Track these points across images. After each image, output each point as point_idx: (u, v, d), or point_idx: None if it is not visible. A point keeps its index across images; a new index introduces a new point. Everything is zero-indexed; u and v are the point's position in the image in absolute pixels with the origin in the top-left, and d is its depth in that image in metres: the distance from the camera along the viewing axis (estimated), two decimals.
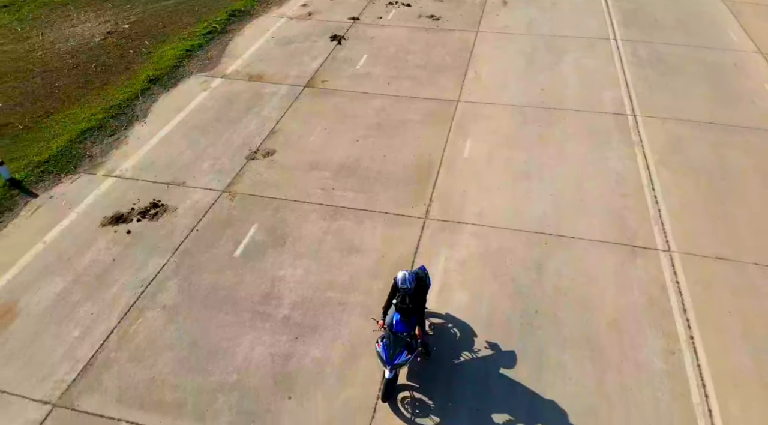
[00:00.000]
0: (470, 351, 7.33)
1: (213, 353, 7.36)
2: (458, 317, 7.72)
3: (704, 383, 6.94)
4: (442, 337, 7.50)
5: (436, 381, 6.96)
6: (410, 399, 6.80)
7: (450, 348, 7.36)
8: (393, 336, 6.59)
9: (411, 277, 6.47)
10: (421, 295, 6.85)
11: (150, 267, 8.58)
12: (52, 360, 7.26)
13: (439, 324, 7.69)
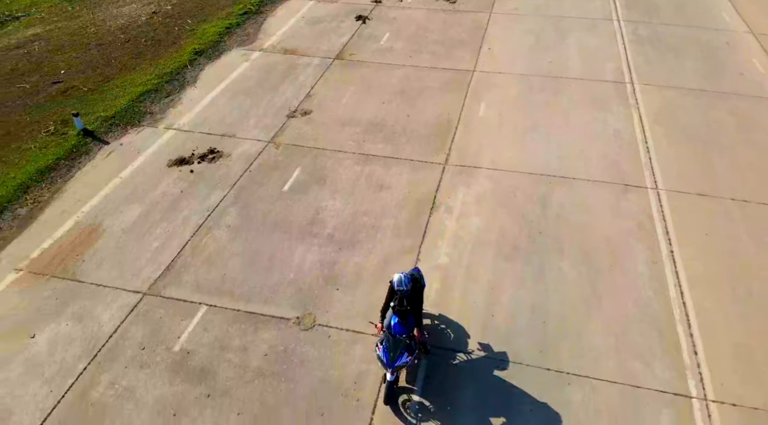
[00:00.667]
0: (465, 352, 7.57)
1: (272, 260, 8.97)
2: (452, 319, 8.01)
3: (680, 283, 8.47)
4: (437, 338, 7.75)
5: (435, 383, 7.19)
6: (411, 402, 7.01)
7: (445, 349, 7.61)
8: (392, 339, 6.73)
9: (407, 279, 6.69)
10: (418, 296, 7.02)
11: (213, 198, 10.23)
12: (138, 264, 8.91)
13: (432, 325, 7.95)
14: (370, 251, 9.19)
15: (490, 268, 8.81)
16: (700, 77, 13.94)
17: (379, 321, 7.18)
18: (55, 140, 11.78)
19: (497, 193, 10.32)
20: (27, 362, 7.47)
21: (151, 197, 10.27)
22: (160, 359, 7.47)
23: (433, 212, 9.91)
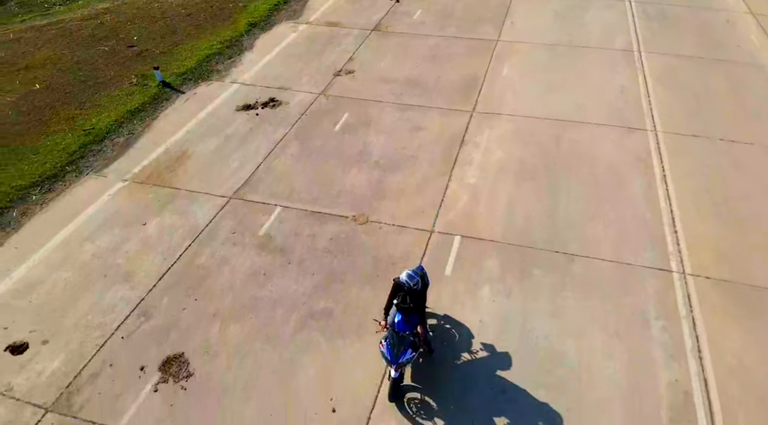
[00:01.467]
0: (469, 352, 7.75)
1: (330, 178, 11.00)
2: (456, 319, 8.24)
3: (670, 198, 10.32)
4: (442, 338, 7.98)
5: (439, 382, 7.39)
6: (416, 401, 7.20)
7: (450, 349, 7.81)
8: (396, 336, 6.88)
9: (414, 274, 6.87)
10: (421, 294, 7.14)
11: (277, 134, 12.31)
12: (221, 178, 11.00)
13: (438, 325, 8.19)
14: (410, 174, 11.16)
15: (511, 187, 10.72)
16: (699, 48, 15.76)
17: (383, 318, 7.29)
18: (139, 89, 13.98)
19: (517, 133, 12.25)
20: (142, 241, 9.57)
21: (226, 132, 12.38)
22: (248, 240, 9.52)
23: (462, 147, 11.86)
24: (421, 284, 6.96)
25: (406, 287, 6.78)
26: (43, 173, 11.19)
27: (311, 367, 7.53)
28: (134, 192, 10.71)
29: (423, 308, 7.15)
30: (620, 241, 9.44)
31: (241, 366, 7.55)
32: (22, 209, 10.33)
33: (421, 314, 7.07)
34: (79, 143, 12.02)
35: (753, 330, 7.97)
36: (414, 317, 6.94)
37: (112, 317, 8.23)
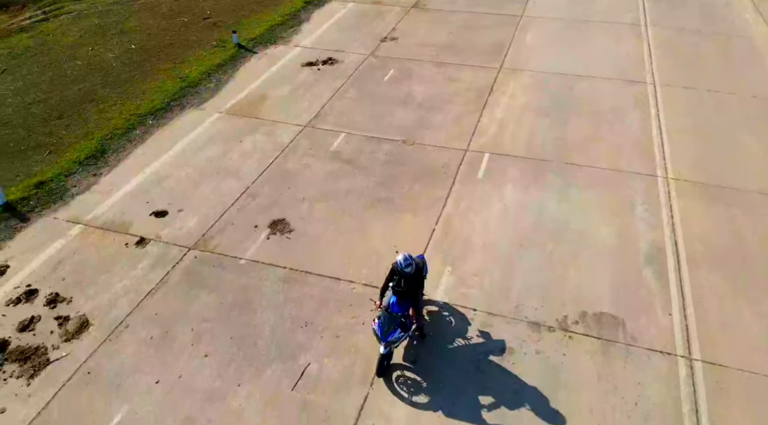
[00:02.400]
0: (464, 337, 8.26)
1: (382, 114, 13.78)
2: (453, 306, 8.78)
3: (661, 128, 12.91)
4: (439, 324, 8.51)
5: (430, 363, 7.88)
6: (403, 378, 7.71)
7: (445, 333, 8.35)
8: (388, 316, 7.41)
9: (410, 258, 7.37)
10: (418, 281, 7.68)
11: (336, 83, 15.12)
12: (296, 112, 13.86)
13: (435, 311, 8.69)
14: (447, 112, 13.87)
15: (531, 121, 13.38)
16: (699, 23, 18.33)
17: (379, 298, 7.83)
18: (219, 50, 16.94)
19: (537, 84, 14.92)
20: (241, 152, 12.41)
21: (295, 82, 15.23)
22: (322, 154, 12.30)
23: (491, 94, 14.53)
24: (416, 271, 7.44)
25: (399, 270, 7.36)
26: (153, 107, 14.14)
27: (378, 228, 10.24)
28: (229, 120, 13.58)
29: (417, 294, 7.74)
30: (617, 156, 12.03)
31: (328, 226, 10.29)
32: (143, 129, 13.27)
33: (415, 299, 7.68)
34: (177, 87, 14.97)
35: (716, 212, 10.51)
36: (408, 302, 7.58)
37: (227, 197, 11.05)
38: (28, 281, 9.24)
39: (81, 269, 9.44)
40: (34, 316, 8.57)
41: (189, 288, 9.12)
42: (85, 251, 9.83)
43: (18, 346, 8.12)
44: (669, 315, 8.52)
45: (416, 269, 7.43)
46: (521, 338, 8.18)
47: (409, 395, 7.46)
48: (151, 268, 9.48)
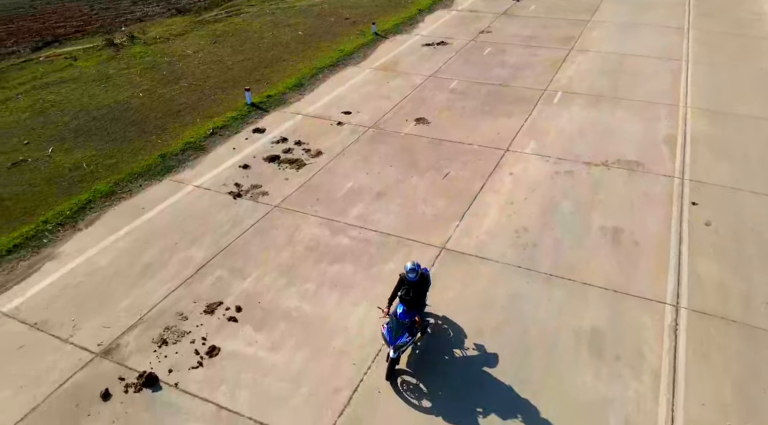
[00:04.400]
0: (461, 349, 9.01)
1: (483, 73, 20.04)
2: (452, 320, 9.65)
3: (687, 86, 18.38)
4: (438, 336, 9.35)
5: (431, 372, 8.68)
6: (408, 383, 8.45)
7: (444, 345, 9.13)
8: (396, 322, 8.23)
9: (417, 266, 8.32)
10: (423, 291, 8.61)
11: (448, 55, 21.66)
12: (421, 70, 20.40)
13: (435, 325, 9.55)
14: (531, 71, 20.01)
15: (592, 78, 19.31)
16: (731, 28, 23.97)
17: (387, 306, 8.59)
18: (361, 37, 24.05)
19: (598, 59, 20.92)
20: (388, 88, 18.98)
21: (418, 54, 21.93)
22: (443, 89, 18.66)
23: (563, 62, 20.56)
24: (421, 279, 8.46)
25: (407, 280, 8.35)
26: (325, 64, 21.14)
27: (485, 124, 16.35)
28: (377, 72, 20.30)
29: (422, 306, 8.77)
30: (651, 95, 17.70)
31: (452, 122, 16.49)
32: (323, 75, 20.18)
33: (421, 308, 8.72)
34: (338, 55, 21.98)
35: (715, 123, 16.03)
36: (414, 310, 8.50)
37: (385, 107, 17.53)
38: (279, 135, 15.92)
39: (308, 133, 16.03)
40: (290, 148, 15.16)
41: (373, 143, 15.46)
42: (307, 127, 16.45)
43: (286, 158, 14.68)
44: (672, 163, 13.95)
45: (421, 278, 8.49)
46: (578, 168, 13.83)
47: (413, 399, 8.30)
48: (348, 135, 15.94)
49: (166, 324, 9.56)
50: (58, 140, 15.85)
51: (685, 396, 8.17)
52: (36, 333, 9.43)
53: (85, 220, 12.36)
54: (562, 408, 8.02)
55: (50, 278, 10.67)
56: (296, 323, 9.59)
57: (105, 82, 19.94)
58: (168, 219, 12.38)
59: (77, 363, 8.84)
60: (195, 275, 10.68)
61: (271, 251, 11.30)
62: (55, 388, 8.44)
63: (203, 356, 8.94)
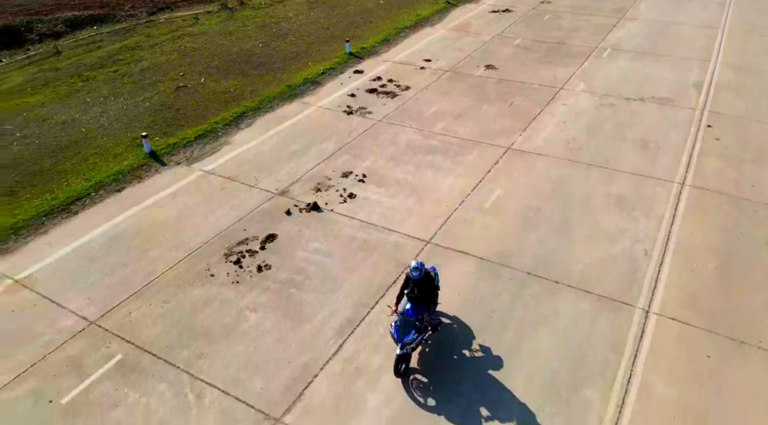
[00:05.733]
0: (469, 349, 9.45)
1: (543, 33, 23.81)
2: (461, 320, 10.06)
3: (719, 48, 21.67)
4: (447, 335, 9.77)
5: (439, 371, 9.16)
6: (418, 382, 8.97)
7: (452, 345, 9.60)
8: (403, 320, 8.66)
9: (421, 265, 8.69)
10: (428, 287, 8.95)
11: (512, 20, 25.47)
12: (488, 31, 24.32)
13: (446, 324, 9.81)
14: (585, 33, 23.60)
15: (638, 40, 22.81)
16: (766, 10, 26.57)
17: (395, 304, 9.03)
18: (436, 5, 28.13)
19: (643, 26, 24.40)
20: (462, 43, 22.93)
21: (486, 19, 25.89)
22: (508, 45, 22.56)
23: (613, 28, 24.10)
24: (425, 277, 8.75)
25: (412, 279, 8.70)
26: (405, 25, 25.30)
27: (544, 71, 20.22)
28: (451, 32, 24.33)
29: (429, 303, 8.98)
30: (687, 53, 21.23)
31: (515, 69, 20.41)
32: (404, 34, 24.34)
33: (428, 306, 8.93)
34: (416, 18, 26.14)
35: (741, 75, 19.44)
36: (422, 309, 8.78)
37: (459, 57, 21.56)
38: (375, 75, 20.24)
39: (398, 74, 20.27)
40: (385, 84, 19.48)
41: (450, 82, 19.56)
42: (396, 70, 20.69)
43: (382, 90, 19.03)
44: (697, 100, 17.47)
45: (425, 276, 8.79)
46: (619, 102, 17.53)
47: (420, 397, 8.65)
48: (430, 75, 20.09)
49: (318, 181, 14.01)
50: (205, 74, 20.63)
51: (680, 228, 12.06)
52: (231, 182, 14.05)
53: (243, 124, 17.00)
54: (594, 233, 12.03)
55: (230, 154, 15.32)
56: (404, 185, 13.87)
57: (228, 36, 24.71)
58: (303, 126, 16.87)
59: (264, 198, 13.40)
60: (330, 158, 15.09)
61: (380, 147, 15.60)
62: (254, 208, 13.03)
63: (346, 197, 13.36)
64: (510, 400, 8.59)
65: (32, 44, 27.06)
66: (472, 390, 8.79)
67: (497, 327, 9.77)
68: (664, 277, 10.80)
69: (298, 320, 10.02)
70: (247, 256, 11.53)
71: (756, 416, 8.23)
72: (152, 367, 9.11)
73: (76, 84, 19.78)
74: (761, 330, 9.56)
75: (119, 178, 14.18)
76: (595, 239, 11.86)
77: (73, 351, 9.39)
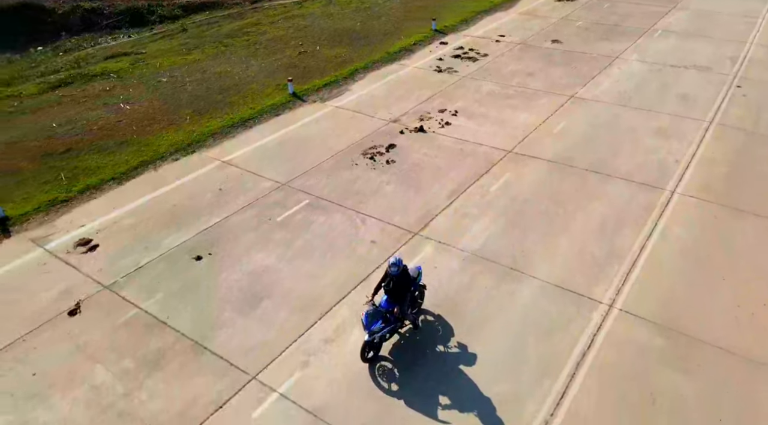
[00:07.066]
0: (445, 346, 10.14)
1: (602, 17, 27.93)
2: (445, 319, 10.76)
3: (757, 33, 25.07)
4: (428, 331, 10.50)
5: (411, 362, 9.86)
6: (384, 369, 9.73)
7: (431, 341, 10.30)
8: (374, 310, 9.46)
9: (399, 261, 9.42)
10: (404, 286, 9.64)
11: (574, 7, 29.61)
12: (552, 16, 28.54)
13: (428, 321, 10.65)
14: (640, 18, 27.47)
15: (687, 24, 26.56)
16: None
17: (372, 295, 9.92)
18: None
19: (692, 14, 28.08)
20: (531, 24, 27.18)
21: (550, 5, 30.22)
22: (571, 27, 26.69)
23: (665, 15, 27.82)
24: (402, 274, 9.52)
25: (390, 274, 9.47)
26: (479, 10, 29.69)
27: (603, 46, 24.19)
28: (521, 15, 28.72)
29: (404, 299, 9.65)
30: (727, 35, 24.93)
31: (578, 44, 24.57)
32: (478, 18, 28.77)
33: (402, 302, 9.60)
34: (488, 5, 30.61)
35: None
36: (395, 302, 9.55)
37: (528, 34, 25.75)
38: (458, 46, 24.77)
39: (477, 45, 24.77)
40: (466, 52, 24.03)
41: (522, 51, 23.94)
42: (475, 42, 25.22)
43: (465, 56, 23.60)
44: (731, 68, 21.27)
45: (402, 273, 9.51)
46: (666, 69, 21.39)
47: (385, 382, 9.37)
48: (505, 46, 24.51)
49: (420, 114, 18.62)
50: (318, 44, 25.65)
51: (704, 148, 16.12)
52: (356, 113, 18.84)
53: (356, 77, 21.85)
54: (637, 148, 16.15)
55: (351, 97, 20.16)
56: (489, 118, 18.33)
57: (330, 17, 29.79)
58: (403, 79, 21.56)
59: (382, 123, 18.11)
60: (427, 100, 19.68)
61: (467, 94, 20.09)
62: (376, 129, 17.75)
63: (443, 124, 17.92)
64: (567, 249, 12.83)
65: (153, 24, 33.18)
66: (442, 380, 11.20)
67: (564, 200, 14.02)
68: (688, 174, 14.87)
69: (420, 189, 14.59)
70: (377, 155, 16.20)
71: (746, 250, 12.28)
72: (330, 206, 13.88)
73: (220, 48, 25.18)
74: (754, 204, 13.60)
75: (274, 108, 19.20)
76: (638, 151, 16.05)
77: (276, 198, 14.28)
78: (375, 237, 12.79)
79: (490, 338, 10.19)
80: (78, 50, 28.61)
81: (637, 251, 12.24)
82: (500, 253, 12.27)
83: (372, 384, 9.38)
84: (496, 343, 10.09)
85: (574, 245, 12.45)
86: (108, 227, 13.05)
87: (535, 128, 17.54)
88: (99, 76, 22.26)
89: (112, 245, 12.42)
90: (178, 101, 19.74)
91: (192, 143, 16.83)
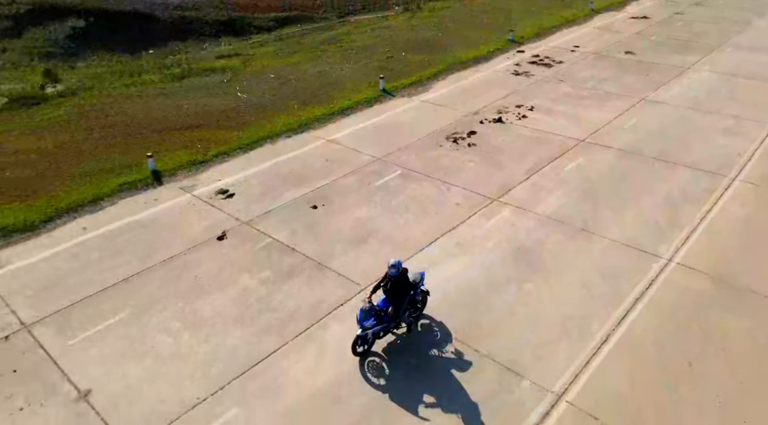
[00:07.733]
0: (440, 350, 10.48)
1: (674, 31, 29.03)
2: (444, 324, 11.08)
3: None
4: (426, 335, 10.87)
5: (404, 362, 10.24)
6: (374, 363, 10.18)
7: (427, 344, 10.66)
8: (369, 307, 9.86)
9: (399, 263, 9.84)
10: (401, 286, 10.01)
11: (648, 23, 31.07)
12: (628, 30, 29.93)
13: (428, 325, 11.06)
14: (713, 35, 28.81)
15: (755, 42, 27.14)
16: None
17: (370, 293, 10.22)
18: (581, 12, 34.13)
19: (762, 34, 28.66)
20: (606, 37, 28.93)
21: (625, 23, 31.91)
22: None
23: (737, 34, 28.77)
24: (401, 276, 9.93)
25: (389, 275, 9.90)
26: (554, 26, 31.63)
27: (676, 57, 25.52)
28: (595, 30, 30.64)
29: (401, 301, 10.07)
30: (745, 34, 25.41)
31: (652, 56, 26.04)
32: (554, 30, 30.69)
33: (398, 303, 10.02)
34: (563, 20, 32.39)
35: None
36: (391, 302, 9.99)
37: (603, 45, 27.54)
38: (533, 54, 26.88)
39: (552, 53, 26.81)
40: (542, 59, 26.12)
41: (596, 60, 25.79)
42: (551, 51, 27.26)
43: (540, 62, 25.62)
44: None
45: (401, 275, 9.93)
46: (735, 79, 22.62)
47: (374, 377, 9.88)
48: (579, 55, 26.45)
49: (498, 109, 20.82)
50: (403, 50, 28.41)
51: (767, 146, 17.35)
52: (440, 107, 21.28)
53: (439, 78, 24.37)
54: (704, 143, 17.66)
55: (434, 94, 22.65)
56: (563, 114, 20.28)
57: (413, 29, 32.61)
58: (483, 80, 23.88)
59: (463, 115, 20.44)
60: (504, 98, 21.86)
61: (542, 94, 22.11)
62: (458, 119, 20.12)
63: (520, 117, 20.04)
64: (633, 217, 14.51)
65: (250, 34, 37.14)
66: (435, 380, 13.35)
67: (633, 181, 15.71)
68: (749, 166, 16.25)
69: (499, 167, 16.72)
70: (460, 140, 18.47)
71: None
72: (419, 177, 16.23)
73: (316, 53, 28.41)
74: None
75: (368, 100, 21.93)
76: (704, 145, 17.61)
77: (373, 168, 16.78)
78: (459, 201, 14.99)
79: (563, 278, 12.08)
80: (186, 53, 32.83)
81: (697, 222, 13.81)
82: (573, 217, 14.17)
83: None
84: (567, 281, 11.98)
85: (639, 215, 14.17)
86: (240, 183, 15.91)
87: (607, 122, 19.31)
88: (214, 72, 25.86)
89: (245, 195, 15.25)
90: (284, 94, 22.85)
91: (300, 126, 19.71)
